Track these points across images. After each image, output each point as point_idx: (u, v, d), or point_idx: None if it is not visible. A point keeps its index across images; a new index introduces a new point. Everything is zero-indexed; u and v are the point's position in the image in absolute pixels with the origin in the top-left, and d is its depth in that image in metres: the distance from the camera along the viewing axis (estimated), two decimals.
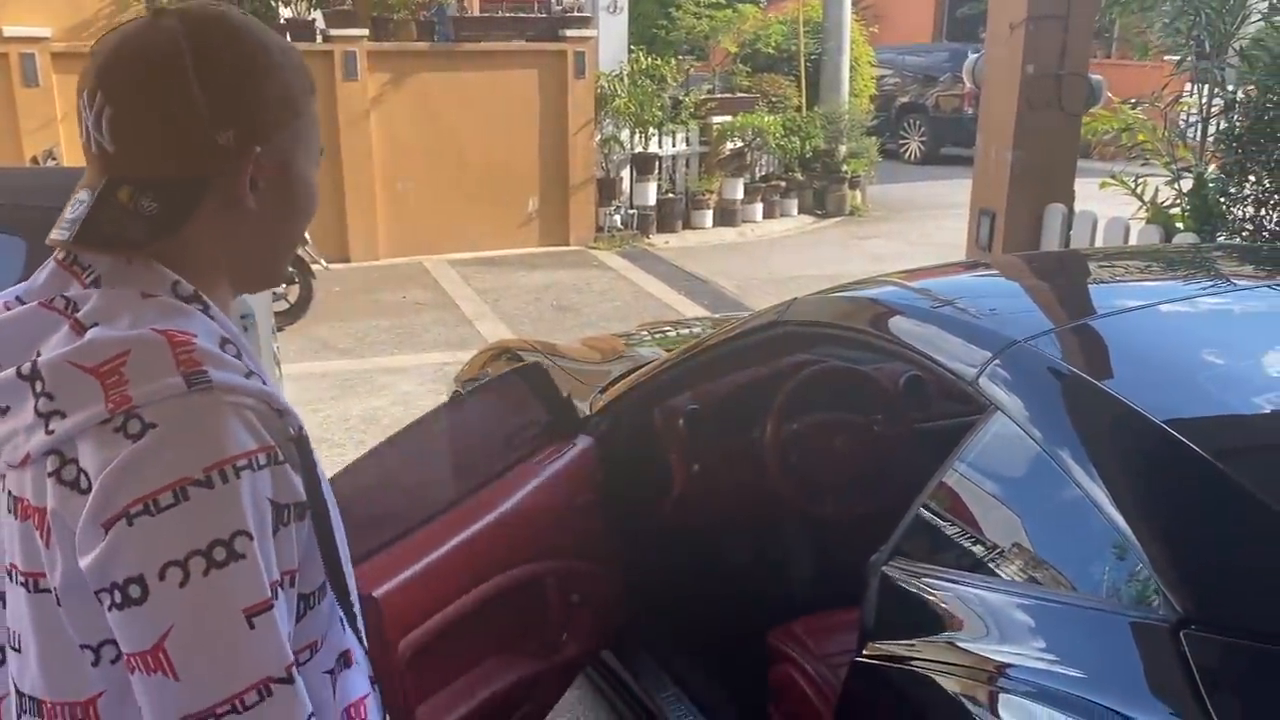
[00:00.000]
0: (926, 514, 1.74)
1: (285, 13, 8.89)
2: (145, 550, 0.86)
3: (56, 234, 0.96)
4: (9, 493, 0.96)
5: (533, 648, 2.41)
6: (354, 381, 5.90)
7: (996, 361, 1.73)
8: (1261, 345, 1.87)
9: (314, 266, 7.13)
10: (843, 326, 2.15)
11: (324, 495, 1.01)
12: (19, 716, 1.00)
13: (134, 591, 0.87)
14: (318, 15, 8.96)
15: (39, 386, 0.91)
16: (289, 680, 0.90)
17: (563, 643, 2.46)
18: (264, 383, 0.96)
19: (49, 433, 0.90)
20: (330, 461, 3.16)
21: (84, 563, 0.88)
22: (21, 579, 0.96)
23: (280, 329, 5.82)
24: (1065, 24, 4.64)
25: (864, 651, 1.69)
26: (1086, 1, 4.83)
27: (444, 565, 2.17)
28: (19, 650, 0.99)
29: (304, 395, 5.48)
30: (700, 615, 2.74)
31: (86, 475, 0.89)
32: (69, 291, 0.96)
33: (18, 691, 1.00)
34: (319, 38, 8.77)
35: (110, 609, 0.88)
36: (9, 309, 0.97)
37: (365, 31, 8.66)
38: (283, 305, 6.57)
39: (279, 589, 0.92)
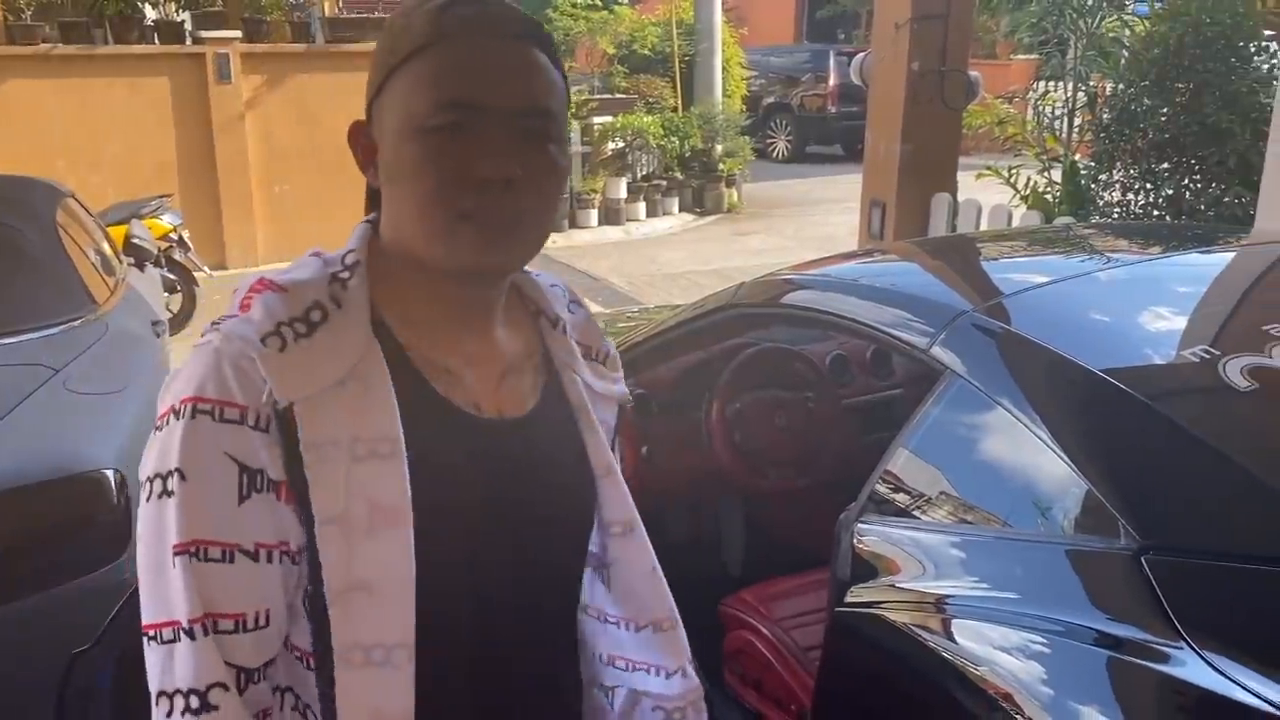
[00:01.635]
0: (892, 472, 1.88)
1: (152, 14, 8.58)
2: (146, 461, 0.95)
3: None
4: None
5: None
6: None
7: (946, 331, 1.89)
8: (1165, 305, 2.08)
9: (197, 274, 6.94)
10: (795, 307, 2.28)
11: (306, 478, 0.94)
12: None
13: (144, 491, 0.95)
14: (186, 17, 8.69)
15: None
16: (192, 635, 0.90)
17: None
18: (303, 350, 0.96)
19: None
20: None
21: None
22: None
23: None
24: (945, 23, 4.93)
25: (845, 600, 1.82)
26: (964, 2, 5.13)
27: None
28: None
29: None
30: None
31: None
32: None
33: None
34: (188, 40, 8.51)
35: None
36: None
37: (238, 34, 8.44)
38: (166, 315, 6.34)
39: (236, 552, 0.92)
